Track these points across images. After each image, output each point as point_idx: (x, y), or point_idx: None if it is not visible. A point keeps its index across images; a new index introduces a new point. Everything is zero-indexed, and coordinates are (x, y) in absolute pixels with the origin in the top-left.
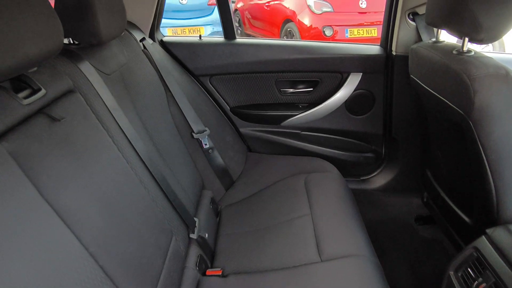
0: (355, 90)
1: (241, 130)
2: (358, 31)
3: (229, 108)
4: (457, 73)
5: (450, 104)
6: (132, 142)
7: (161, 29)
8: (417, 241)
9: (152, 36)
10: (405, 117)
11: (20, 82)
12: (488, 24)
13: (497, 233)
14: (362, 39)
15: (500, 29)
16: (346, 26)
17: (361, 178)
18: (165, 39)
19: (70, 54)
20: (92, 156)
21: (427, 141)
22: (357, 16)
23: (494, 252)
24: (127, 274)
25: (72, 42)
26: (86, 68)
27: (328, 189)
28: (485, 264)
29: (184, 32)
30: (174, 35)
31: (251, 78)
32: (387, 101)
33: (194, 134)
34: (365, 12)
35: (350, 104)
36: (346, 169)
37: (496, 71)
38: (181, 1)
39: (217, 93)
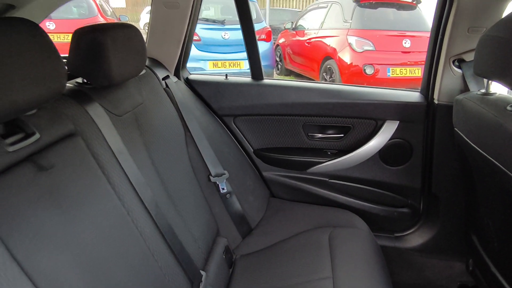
0: (390, 139)
1: (264, 174)
2: (401, 70)
3: (252, 150)
4: (504, 128)
5: (503, 168)
6: (136, 189)
7: (202, 62)
8: None
9: (177, 74)
10: (448, 171)
11: (13, 126)
12: None
13: None
14: (405, 78)
15: None
16: (388, 65)
17: (395, 235)
18: (190, 77)
19: (78, 95)
20: (82, 208)
21: (473, 202)
22: (400, 56)
23: None
24: None
25: (85, 82)
26: (94, 109)
27: (355, 248)
28: None
29: (225, 66)
30: (215, 67)
31: (277, 121)
32: (427, 153)
33: (211, 178)
34: (409, 52)
35: (384, 153)
36: (378, 224)
37: None
38: (223, 36)
39: (241, 134)
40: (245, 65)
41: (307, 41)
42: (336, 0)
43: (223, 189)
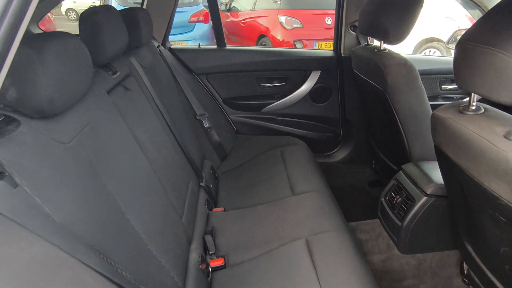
0: (315, 84)
1: (231, 116)
2: (326, 44)
3: (221, 99)
4: (376, 63)
5: (375, 84)
6: (164, 117)
7: None
8: (370, 200)
9: (164, 44)
10: (355, 103)
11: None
12: (393, 31)
13: (408, 167)
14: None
15: (402, 34)
16: (315, 40)
17: (325, 154)
18: (172, 46)
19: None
20: (145, 120)
21: (370, 119)
22: (324, 31)
23: (406, 179)
24: (172, 189)
25: None
26: (135, 62)
27: (299, 158)
28: (401, 186)
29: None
30: None
31: (238, 76)
32: (340, 91)
33: (197, 116)
34: (331, 28)
35: (312, 94)
36: (313, 147)
37: (399, 61)
38: None
39: (212, 88)
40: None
41: (242, 21)
42: None
43: (206, 124)
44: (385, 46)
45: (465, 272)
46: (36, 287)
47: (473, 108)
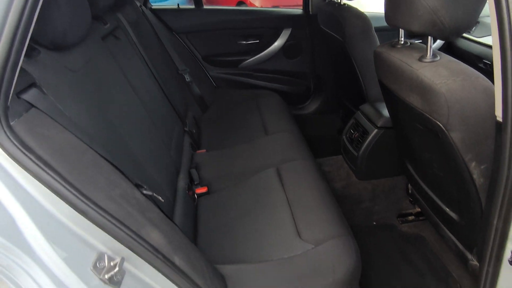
0: (287, 41)
1: (210, 72)
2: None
3: (201, 56)
4: (336, 17)
5: (337, 36)
6: (150, 67)
7: None
8: (339, 145)
9: (145, 5)
10: (324, 58)
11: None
12: None
13: (364, 107)
14: None
15: None
16: (292, 6)
17: (298, 106)
18: (153, 7)
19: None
20: (135, 67)
21: (336, 71)
22: None
23: (362, 116)
24: (161, 126)
25: None
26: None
27: (273, 107)
28: (358, 123)
29: None
30: None
31: (216, 35)
32: (311, 48)
33: (179, 71)
34: None
35: (285, 51)
36: (287, 100)
37: (355, 13)
38: None
39: (192, 46)
40: None
41: None
42: None
43: (187, 79)
44: (344, 1)
45: (410, 191)
46: (69, 162)
47: (402, 42)
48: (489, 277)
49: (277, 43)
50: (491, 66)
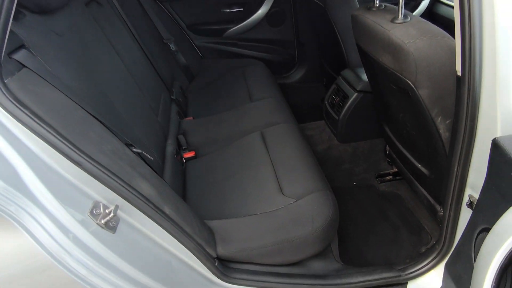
0: (271, 8)
1: (195, 42)
2: None
3: (185, 25)
4: None
5: (318, 2)
6: (134, 35)
7: None
8: (321, 111)
9: None
10: (307, 25)
11: None
12: None
13: (345, 72)
14: None
15: None
16: None
17: (283, 75)
18: None
19: None
20: (119, 34)
21: (319, 39)
22: None
23: (343, 81)
24: (147, 93)
25: None
26: None
27: (258, 75)
28: (339, 88)
29: None
30: None
31: (200, 2)
32: (294, 15)
33: (164, 40)
34: None
35: (268, 19)
36: (272, 68)
37: None
38: None
39: (176, 15)
40: None
41: None
42: None
43: (173, 48)
44: None
45: (387, 152)
46: (61, 118)
47: (377, 5)
48: (451, 220)
49: (261, 11)
50: None
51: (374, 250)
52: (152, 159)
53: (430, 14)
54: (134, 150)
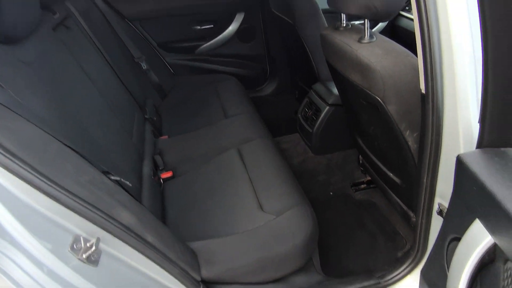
0: (241, 25)
1: (167, 59)
2: None
3: (156, 43)
4: (286, 0)
5: (287, 19)
6: (105, 56)
7: None
8: (295, 124)
9: None
10: (278, 42)
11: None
12: None
13: (317, 86)
14: None
15: None
16: None
17: (256, 89)
18: None
19: None
20: (89, 57)
21: (290, 54)
22: None
23: (315, 95)
24: (121, 115)
25: None
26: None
27: (231, 91)
28: (312, 102)
29: None
30: None
31: (170, 20)
32: (264, 31)
33: (135, 59)
34: None
35: (239, 35)
36: (244, 83)
37: None
38: None
39: (147, 33)
40: None
41: None
42: None
43: (144, 66)
44: None
45: (361, 162)
46: (36, 153)
47: (344, 25)
48: (423, 227)
49: (231, 27)
50: None
51: (354, 258)
52: (131, 185)
53: (393, 27)
54: (112, 178)
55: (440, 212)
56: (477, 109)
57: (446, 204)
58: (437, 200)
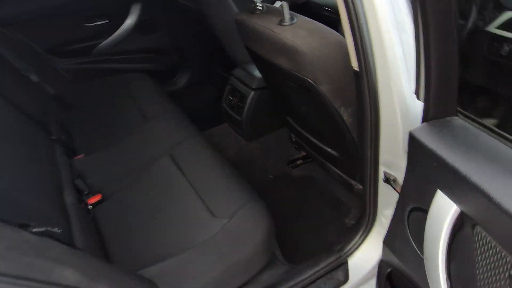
0: (140, 17)
1: (61, 66)
2: None
3: (43, 49)
4: None
5: (192, 6)
6: None
7: None
8: (220, 113)
9: None
10: (184, 31)
11: None
12: None
13: (236, 71)
14: None
15: None
16: None
17: (169, 81)
18: None
19: None
20: None
21: (201, 43)
22: None
23: (236, 81)
24: (21, 146)
25: None
26: None
27: (145, 90)
28: (235, 89)
29: None
30: None
31: (55, 21)
32: (167, 21)
33: (22, 72)
34: None
35: (141, 27)
36: (157, 78)
37: None
38: None
39: (29, 39)
40: None
41: None
42: None
43: (34, 79)
44: None
45: (294, 139)
46: None
47: (260, 7)
48: (372, 196)
49: (129, 21)
50: (333, 12)
51: (309, 237)
52: (60, 231)
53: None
54: (35, 230)
55: (387, 180)
56: (407, 79)
57: (391, 172)
58: (382, 169)
